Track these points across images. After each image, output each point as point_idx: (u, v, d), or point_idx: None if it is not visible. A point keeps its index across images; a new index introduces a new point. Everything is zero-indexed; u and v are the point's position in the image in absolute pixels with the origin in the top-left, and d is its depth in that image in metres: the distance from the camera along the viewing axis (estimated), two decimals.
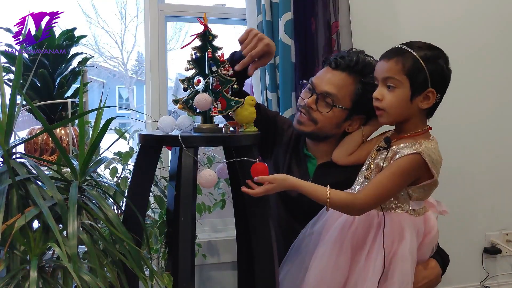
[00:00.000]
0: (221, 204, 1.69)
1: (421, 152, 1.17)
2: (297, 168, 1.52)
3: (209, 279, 2.01)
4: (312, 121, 1.41)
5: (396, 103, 1.20)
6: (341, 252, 1.24)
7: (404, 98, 1.20)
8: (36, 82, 1.39)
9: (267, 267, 1.18)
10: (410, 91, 1.19)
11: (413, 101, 1.20)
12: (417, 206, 1.24)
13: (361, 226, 1.24)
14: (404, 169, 1.18)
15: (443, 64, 1.21)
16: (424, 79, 1.18)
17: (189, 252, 1.09)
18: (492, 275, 2.40)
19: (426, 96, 1.20)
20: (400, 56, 1.20)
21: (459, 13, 2.28)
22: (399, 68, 1.19)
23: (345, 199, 1.17)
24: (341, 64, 1.39)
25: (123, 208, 1.22)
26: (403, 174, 1.18)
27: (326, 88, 1.39)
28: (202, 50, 1.15)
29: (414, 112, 1.22)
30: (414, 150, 1.18)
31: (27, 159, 1.02)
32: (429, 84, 1.19)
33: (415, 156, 1.17)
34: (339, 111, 1.39)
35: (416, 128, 1.23)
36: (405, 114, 1.22)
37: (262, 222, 1.18)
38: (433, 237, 1.28)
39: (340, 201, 1.17)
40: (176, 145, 1.19)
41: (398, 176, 1.18)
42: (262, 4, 1.86)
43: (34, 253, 0.92)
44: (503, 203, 2.40)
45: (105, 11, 3.28)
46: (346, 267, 1.23)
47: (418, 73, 1.18)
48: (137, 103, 4.66)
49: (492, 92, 2.34)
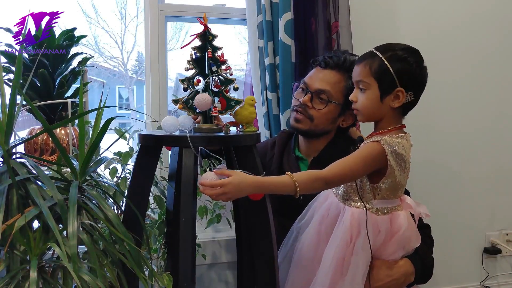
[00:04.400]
0: (217, 219, 1.70)
1: (380, 140, 1.22)
2: (289, 169, 1.55)
3: (209, 279, 2.01)
4: (308, 118, 1.49)
5: (368, 103, 1.26)
6: (318, 247, 1.29)
7: (374, 98, 1.25)
8: (36, 82, 1.39)
9: (267, 267, 1.18)
10: (379, 92, 1.24)
11: (384, 101, 1.24)
12: (381, 205, 1.27)
13: (331, 217, 1.30)
14: (366, 153, 1.22)
15: (413, 63, 1.24)
16: (391, 79, 1.23)
17: (189, 252, 1.09)
18: (492, 275, 2.40)
19: (396, 96, 1.24)
20: (368, 60, 1.26)
21: (459, 13, 2.28)
22: (367, 70, 1.25)
23: (309, 175, 1.18)
24: (331, 63, 1.49)
25: (123, 208, 1.22)
26: (365, 158, 1.22)
27: (320, 85, 1.49)
28: (202, 50, 1.15)
29: (386, 111, 1.26)
30: (374, 139, 1.24)
31: (27, 159, 1.02)
32: (397, 83, 1.22)
33: (374, 143, 1.23)
34: (333, 107, 1.49)
35: (389, 126, 1.27)
36: (378, 113, 1.27)
37: (262, 222, 1.18)
38: (401, 236, 1.28)
39: (307, 180, 1.17)
40: (176, 145, 1.19)
41: (360, 159, 1.22)
42: (262, 4, 1.86)
43: (34, 253, 0.92)
44: (503, 203, 2.40)
45: (105, 11, 3.27)
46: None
47: (384, 74, 1.23)
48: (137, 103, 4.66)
49: (492, 93, 2.34)
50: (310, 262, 1.30)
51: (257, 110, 1.87)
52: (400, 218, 1.28)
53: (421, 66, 1.26)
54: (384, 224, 1.26)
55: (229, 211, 1.68)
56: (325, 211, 1.33)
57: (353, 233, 1.25)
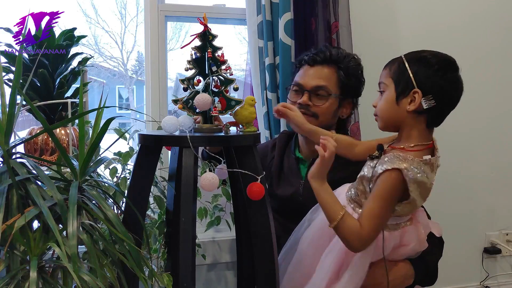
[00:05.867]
0: (216, 222, 1.70)
1: (402, 169, 1.12)
2: (289, 171, 1.56)
3: (209, 279, 2.01)
4: (313, 116, 1.49)
5: (384, 106, 1.20)
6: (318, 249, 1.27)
7: (390, 99, 1.18)
8: (36, 82, 1.39)
9: (267, 267, 1.18)
10: (395, 92, 1.17)
11: (399, 103, 1.16)
12: (392, 221, 1.22)
13: None
14: (386, 191, 1.13)
15: (435, 64, 1.15)
16: (407, 78, 1.15)
17: (189, 252, 1.09)
18: (492, 275, 2.40)
19: (412, 98, 1.15)
20: (392, 62, 1.21)
21: (459, 13, 2.28)
22: (387, 72, 1.21)
23: (352, 227, 1.13)
24: (318, 59, 1.52)
25: (123, 208, 1.22)
26: (387, 197, 1.14)
27: (315, 82, 1.50)
28: (202, 50, 1.15)
29: (404, 116, 1.17)
30: (394, 165, 1.12)
31: (27, 159, 1.02)
32: (414, 84, 1.14)
33: (392, 174, 1.12)
34: (333, 100, 1.51)
35: (411, 140, 1.17)
36: (394, 118, 1.18)
37: (262, 222, 1.18)
38: (409, 249, 1.27)
39: (348, 227, 1.13)
40: (176, 145, 1.19)
41: (384, 201, 1.14)
42: (262, 4, 1.86)
43: (34, 253, 0.91)
44: (503, 203, 2.41)
45: (105, 11, 3.28)
46: None
47: (401, 73, 1.16)
48: (137, 103, 4.66)
49: (492, 93, 2.34)
50: (309, 262, 1.28)
51: (257, 110, 1.87)
52: (410, 233, 1.25)
53: (446, 72, 1.15)
54: (393, 241, 1.23)
55: (228, 214, 1.68)
56: None
57: None
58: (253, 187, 1.12)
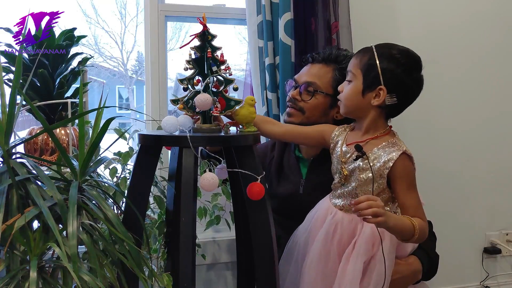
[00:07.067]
0: (216, 221, 1.70)
1: (405, 150, 1.21)
2: (290, 169, 1.56)
3: (209, 279, 2.01)
4: (299, 110, 1.51)
5: (350, 95, 1.26)
6: (327, 263, 1.25)
7: (356, 91, 1.24)
8: (36, 82, 1.39)
9: (267, 267, 1.18)
10: (362, 85, 1.23)
11: (365, 96, 1.23)
12: (394, 209, 1.25)
13: (346, 233, 1.25)
14: (411, 176, 1.22)
15: (403, 65, 1.21)
16: (375, 75, 1.21)
17: (189, 252, 1.09)
18: (492, 275, 2.40)
19: (377, 93, 1.22)
20: (362, 53, 1.25)
21: (459, 13, 2.28)
22: (357, 62, 1.25)
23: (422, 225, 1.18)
24: (318, 58, 1.53)
25: (123, 208, 1.22)
26: (414, 181, 1.22)
27: (306, 78, 1.52)
28: (201, 50, 1.15)
29: (367, 108, 1.24)
30: (399, 150, 1.20)
31: (27, 159, 1.02)
32: (381, 81, 1.21)
33: (406, 159, 1.20)
34: (322, 97, 1.49)
35: (376, 127, 1.25)
36: (358, 108, 1.26)
37: (262, 222, 1.18)
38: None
39: (422, 230, 1.17)
40: (176, 145, 1.19)
41: (414, 186, 1.22)
42: (262, 4, 1.86)
43: (34, 253, 0.92)
44: (503, 203, 2.40)
45: (105, 11, 3.28)
46: (334, 274, 1.24)
47: (371, 68, 1.22)
48: (137, 103, 4.66)
49: (492, 93, 2.34)
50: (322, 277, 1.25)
51: (257, 110, 1.87)
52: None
53: (412, 72, 1.22)
54: None
55: (228, 213, 1.68)
56: (330, 227, 1.27)
57: (375, 240, 1.22)
58: (253, 187, 1.12)
